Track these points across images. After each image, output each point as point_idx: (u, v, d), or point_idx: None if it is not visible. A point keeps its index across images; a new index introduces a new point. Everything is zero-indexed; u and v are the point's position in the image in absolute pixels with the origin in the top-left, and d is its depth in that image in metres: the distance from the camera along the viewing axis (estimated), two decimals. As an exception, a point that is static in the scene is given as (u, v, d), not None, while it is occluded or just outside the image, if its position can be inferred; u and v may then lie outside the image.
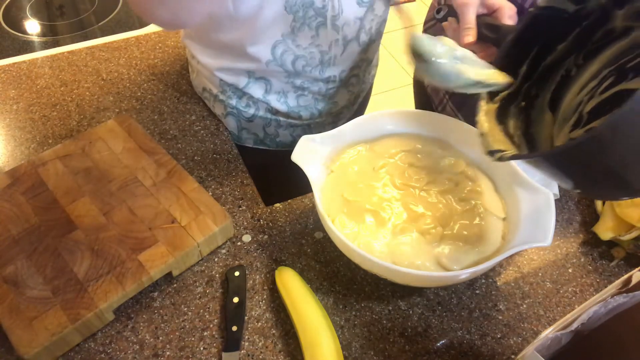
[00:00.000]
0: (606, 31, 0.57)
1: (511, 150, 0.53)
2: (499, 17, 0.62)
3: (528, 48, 0.57)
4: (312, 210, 0.76)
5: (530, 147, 0.58)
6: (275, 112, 0.88)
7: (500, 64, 0.59)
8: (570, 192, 0.55)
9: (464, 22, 0.62)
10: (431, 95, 1.09)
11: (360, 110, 1.06)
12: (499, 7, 0.62)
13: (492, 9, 0.62)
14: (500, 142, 0.55)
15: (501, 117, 0.58)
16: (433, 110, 0.63)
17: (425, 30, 1.10)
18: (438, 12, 0.70)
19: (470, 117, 1.00)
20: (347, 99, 0.93)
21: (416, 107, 1.10)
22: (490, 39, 0.61)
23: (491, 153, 0.53)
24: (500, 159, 0.52)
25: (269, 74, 0.81)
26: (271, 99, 0.85)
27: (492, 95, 0.58)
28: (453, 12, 0.65)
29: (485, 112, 0.57)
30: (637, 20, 0.55)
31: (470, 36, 0.61)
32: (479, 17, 0.62)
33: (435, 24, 1.07)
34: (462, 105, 1.01)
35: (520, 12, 0.70)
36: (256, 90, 0.84)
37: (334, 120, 0.96)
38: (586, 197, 0.60)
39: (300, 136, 0.68)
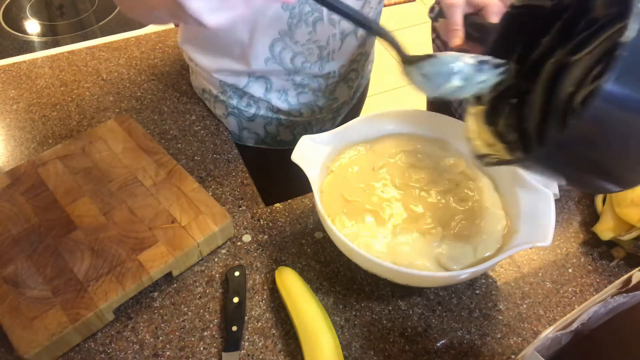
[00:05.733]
0: (588, 21, 0.56)
1: (498, 154, 0.53)
2: (485, 15, 0.61)
3: (514, 46, 0.56)
4: (312, 210, 0.76)
5: (525, 142, 0.58)
6: (277, 110, 0.88)
7: None
8: (567, 188, 0.55)
9: (450, 24, 0.61)
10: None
11: (358, 105, 1.06)
12: (485, 5, 0.61)
13: (478, 7, 0.61)
14: (489, 145, 0.55)
15: (491, 118, 0.58)
16: (453, 113, 0.63)
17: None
18: (431, 10, 0.69)
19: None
20: (347, 94, 0.93)
21: (428, 109, 1.08)
22: (476, 38, 0.60)
23: (480, 157, 0.53)
24: (488, 164, 0.52)
25: (269, 73, 0.81)
26: (272, 98, 0.85)
27: (479, 99, 0.58)
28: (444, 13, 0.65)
29: (473, 115, 0.57)
30: (617, 6, 0.53)
31: (458, 38, 0.60)
32: (466, 17, 0.61)
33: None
34: None
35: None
36: (257, 90, 0.84)
37: (334, 116, 0.96)
38: (583, 192, 0.60)
39: (301, 134, 0.68)
